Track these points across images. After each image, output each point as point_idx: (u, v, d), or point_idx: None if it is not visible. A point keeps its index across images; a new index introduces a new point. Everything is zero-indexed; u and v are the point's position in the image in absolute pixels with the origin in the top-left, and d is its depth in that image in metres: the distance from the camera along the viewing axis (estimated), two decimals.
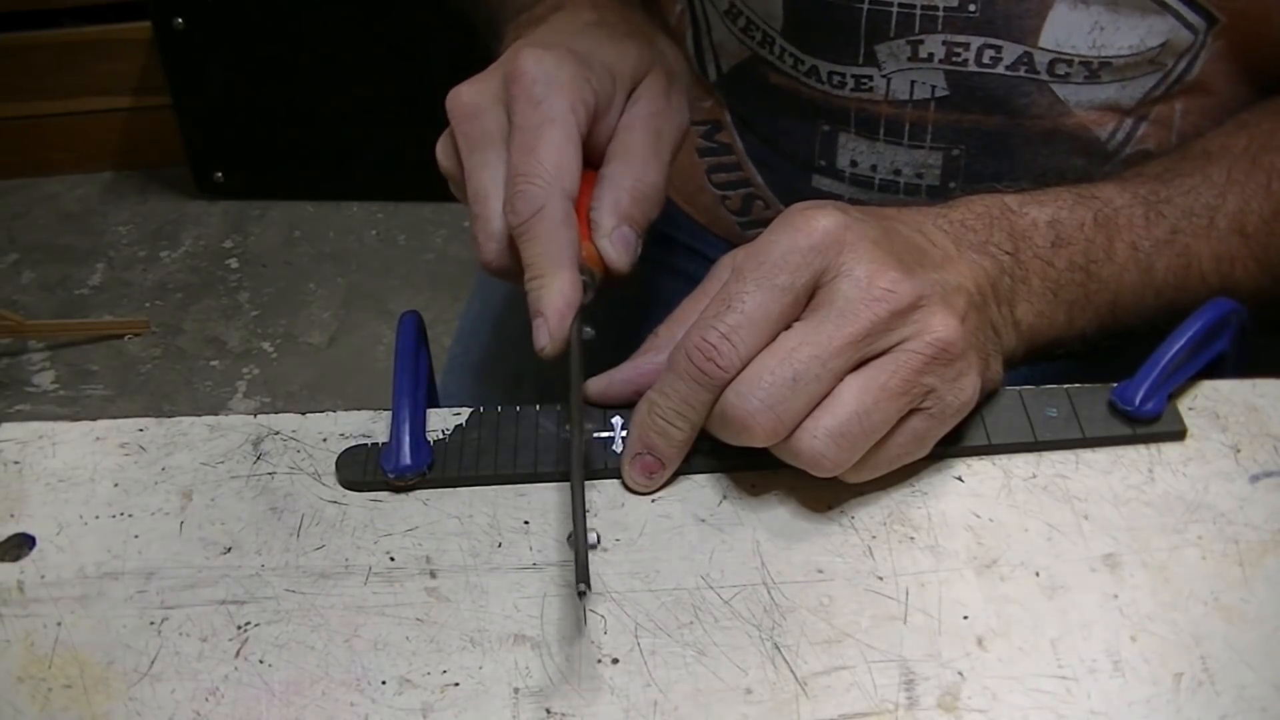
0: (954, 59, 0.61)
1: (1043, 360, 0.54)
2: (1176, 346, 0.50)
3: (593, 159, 0.54)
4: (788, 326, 0.46)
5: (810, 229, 0.46)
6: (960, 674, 0.42)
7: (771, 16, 0.65)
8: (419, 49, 1.80)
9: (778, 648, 0.43)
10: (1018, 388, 0.51)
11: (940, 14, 0.60)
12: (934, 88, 0.63)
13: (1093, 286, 0.53)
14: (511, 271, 0.52)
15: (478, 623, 0.44)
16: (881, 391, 0.45)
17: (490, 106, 0.52)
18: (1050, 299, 0.52)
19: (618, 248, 0.52)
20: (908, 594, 0.45)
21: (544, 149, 0.50)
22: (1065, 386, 0.52)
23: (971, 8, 0.59)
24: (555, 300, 0.49)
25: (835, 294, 0.45)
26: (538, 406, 0.51)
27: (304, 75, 1.88)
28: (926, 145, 0.65)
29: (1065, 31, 0.59)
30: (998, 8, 0.59)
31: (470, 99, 0.53)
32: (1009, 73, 0.61)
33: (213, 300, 1.87)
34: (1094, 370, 0.54)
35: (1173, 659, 0.42)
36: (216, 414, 0.52)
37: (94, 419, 0.52)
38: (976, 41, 0.60)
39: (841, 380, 0.45)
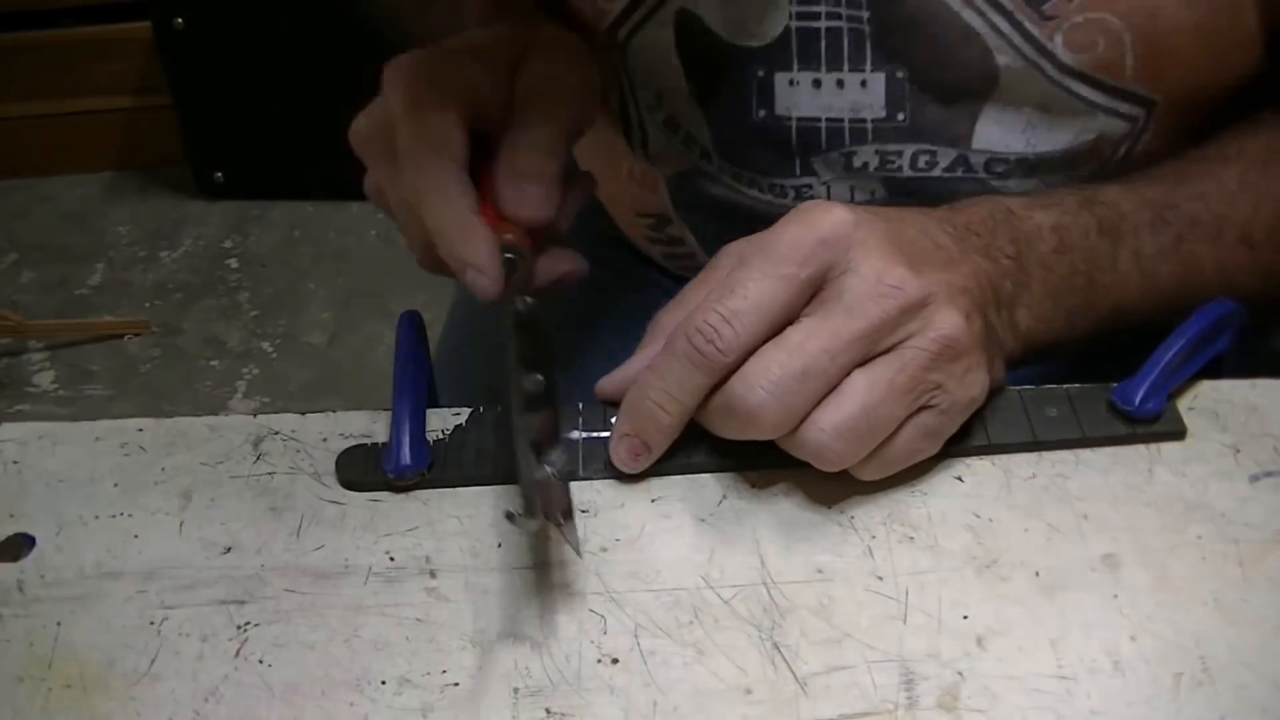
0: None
1: (1046, 359, 0.54)
2: (1176, 346, 0.50)
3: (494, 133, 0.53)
4: (789, 320, 0.46)
5: (819, 223, 0.46)
6: (960, 674, 0.42)
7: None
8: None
9: (778, 648, 0.43)
10: (1018, 388, 0.51)
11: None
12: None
13: (1094, 293, 0.53)
14: (440, 265, 0.52)
15: (478, 623, 0.44)
16: (889, 387, 0.45)
17: (378, 123, 0.53)
18: (1050, 305, 0.52)
19: (528, 206, 0.51)
20: (907, 594, 0.45)
21: (419, 125, 0.50)
22: (1065, 386, 0.52)
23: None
24: (475, 250, 0.48)
25: (843, 289, 0.45)
26: None
27: (305, 75, 1.88)
28: None
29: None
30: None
31: (360, 127, 0.54)
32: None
33: (213, 300, 1.87)
34: (1094, 370, 0.54)
35: (1173, 659, 0.42)
36: (216, 414, 0.52)
37: (94, 419, 0.52)
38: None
39: (848, 375, 0.45)
